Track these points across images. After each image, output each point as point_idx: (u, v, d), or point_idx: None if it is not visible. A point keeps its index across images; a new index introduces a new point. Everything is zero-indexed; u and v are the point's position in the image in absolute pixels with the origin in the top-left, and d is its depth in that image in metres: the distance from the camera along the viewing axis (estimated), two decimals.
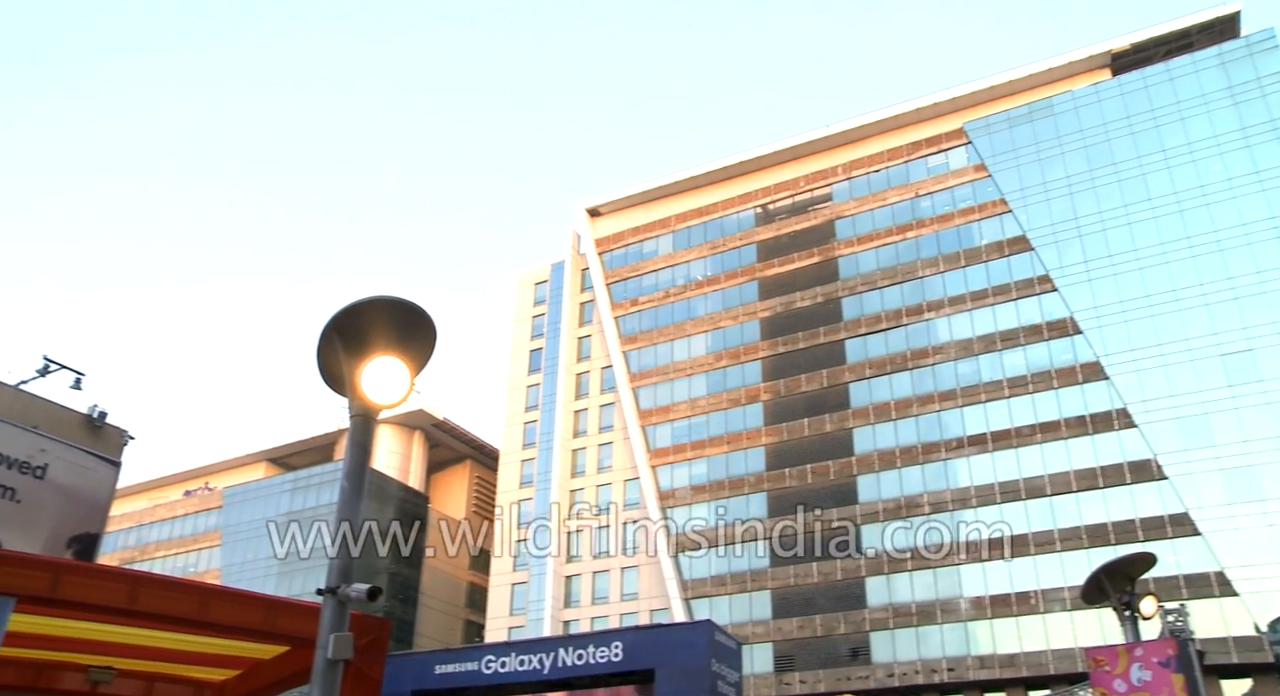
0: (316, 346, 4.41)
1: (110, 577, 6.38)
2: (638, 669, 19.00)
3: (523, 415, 68.66)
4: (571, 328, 69.09)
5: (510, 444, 68.69)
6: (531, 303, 72.46)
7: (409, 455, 77.77)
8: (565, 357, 67.88)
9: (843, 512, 53.74)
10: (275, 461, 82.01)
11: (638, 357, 64.92)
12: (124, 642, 7.47)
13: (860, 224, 60.85)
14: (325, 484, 67.59)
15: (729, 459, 58.68)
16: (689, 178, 67.89)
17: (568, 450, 65.19)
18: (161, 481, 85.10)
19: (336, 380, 4.48)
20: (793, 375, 58.79)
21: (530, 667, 22.04)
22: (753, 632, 52.66)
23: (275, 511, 69.21)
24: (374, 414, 4.47)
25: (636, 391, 63.74)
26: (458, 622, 70.98)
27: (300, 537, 66.50)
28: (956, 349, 54.43)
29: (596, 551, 61.17)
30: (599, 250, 69.98)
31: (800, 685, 50.86)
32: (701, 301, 64.47)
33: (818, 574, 53.01)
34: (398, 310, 4.43)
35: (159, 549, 76.10)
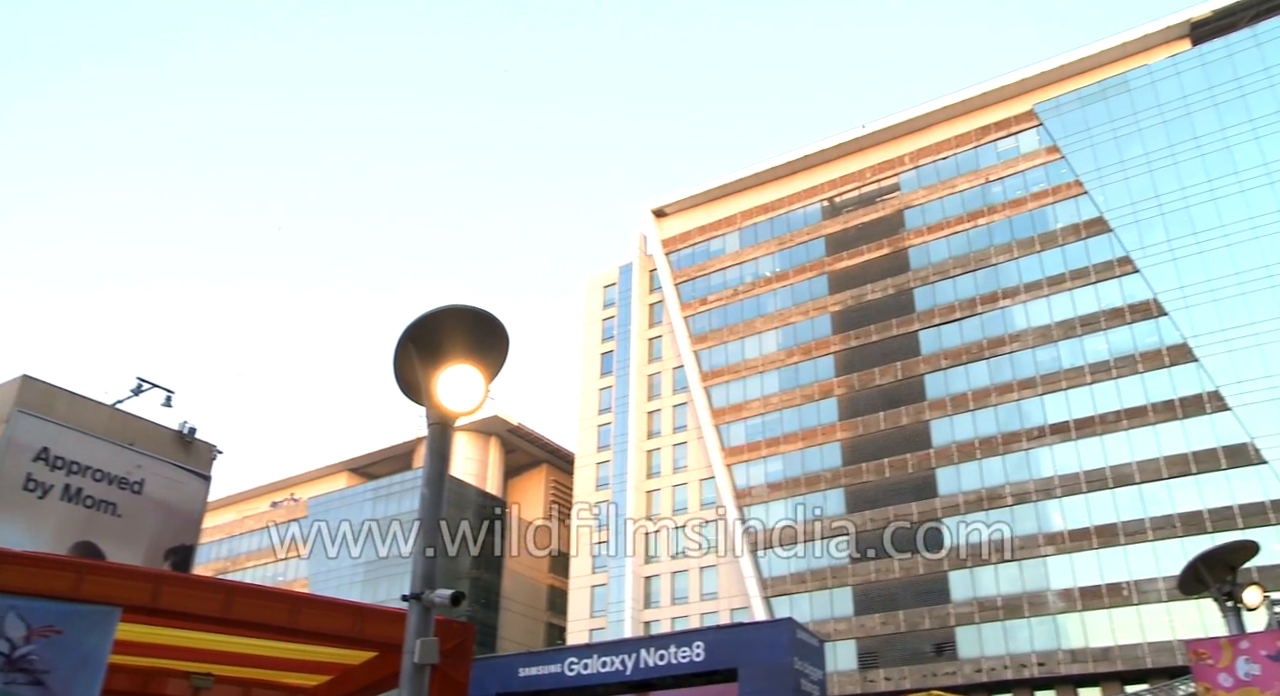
0: (393, 356, 4.49)
1: (206, 587, 6.58)
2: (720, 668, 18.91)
3: (596, 418, 69.01)
4: (642, 329, 69.23)
5: (585, 447, 69.10)
6: (601, 305, 72.80)
7: (486, 461, 78.73)
8: (636, 359, 68.03)
9: (922, 506, 52.83)
10: (356, 471, 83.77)
11: (709, 356, 64.75)
12: (222, 650, 7.71)
13: (930, 213, 59.78)
14: (405, 492, 68.81)
15: (804, 455, 58.15)
16: (753, 174, 67.51)
17: (642, 451, 65.30)
18: (249, 493, 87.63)
19: (413, 389, 4.55)
20: (866, 369, 58.02)
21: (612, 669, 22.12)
22: (834, 629, 52.09)
23: (358, 519, 70.68)
24: (451, 421, 4.52)
25: (709, 390, 63.58)
26: (539, 625, 71.63)
27: (383, 545, 67.85)
28: (1034, 336, 53.11)
29: (674, 551, 61.17)
30: (666, 250, 69.99)
31: (885, 682, 50.13)
32: (771, 298, 64.02)
33: (899, 569, 52.21)
34: (471, 318, 4.49)
35: (249, 559, 78.37)
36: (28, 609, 5.64)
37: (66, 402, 27.43)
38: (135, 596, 6.18)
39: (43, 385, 27.33)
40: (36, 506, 23.24)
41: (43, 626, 5.65)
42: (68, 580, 5.98)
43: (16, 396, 26.41)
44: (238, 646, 7.53)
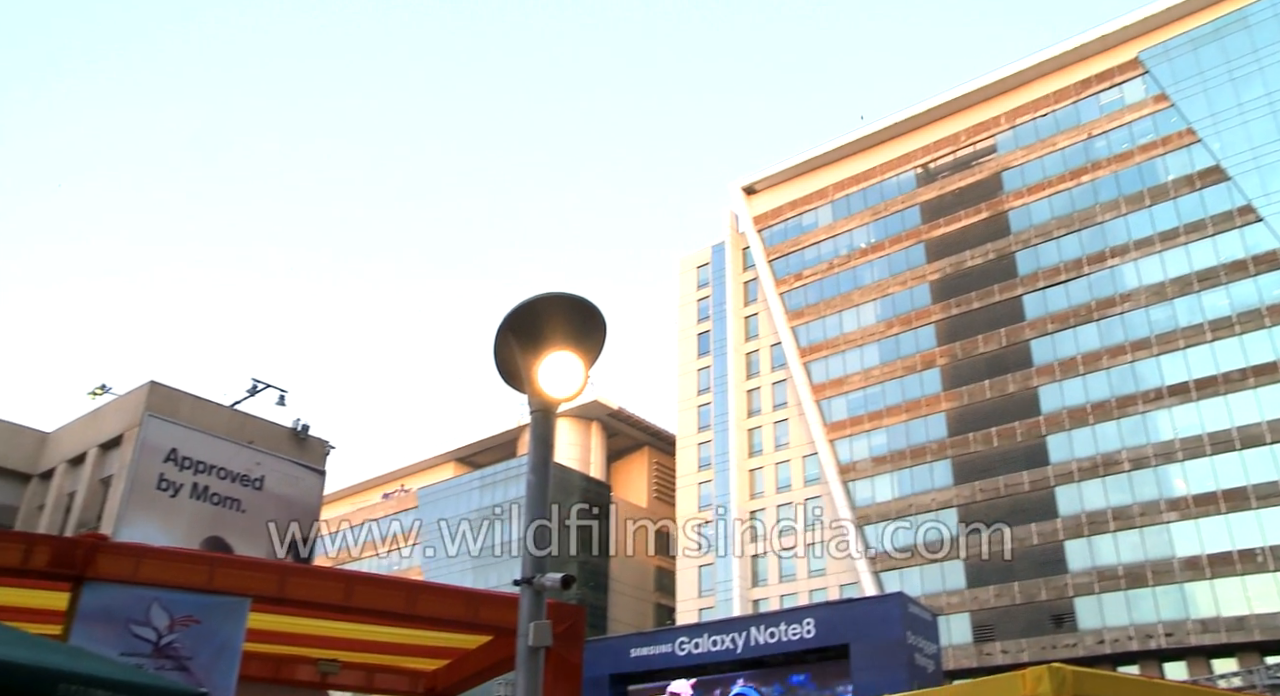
0: (493, 345, 4.59)
1: (328, 577, 6.84)
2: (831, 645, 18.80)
3: (696, 398, 69.07)
4: (737, 308, 68.89)
5: (686, 428, 69.27)
6: (695, 286, 72.70)
7: (588, 446, 79.62)
8: (733, 338, 67.79)
9: (1034, 475, 51.33)
10: (463, 460, 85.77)
11: (806, 332, 64.06)
12: (346, 637, 8.02)
13: (1029, 173, 57.73)
14: (511, 479, 70.15)
15: (908, 427, 57.11)
16: (844, 145, 66.28)
17: (743, 430, 65.12)
18: (362, 486, 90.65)
19: (514, 377, 4.63)
20: (969, 337, 56.54)
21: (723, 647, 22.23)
22: (947, 603, 51.13)
23: (466, 508, 72.42)
24: (553, 408, 4.58)
25: (808, 366, 62.93)
26: (648, 606, 72.31)
27: (491, 532, 69.40)
28: (1147, 294, 50.88)
29: (781, 529, 60.93)
30: (758, 227, 69.40)
31: (1002, 654, 49.03)
32: (867, 269, 62.88)
33: (1012, 540, 50.88)
34: (568, 305, 4.56)
35: (365, 550, 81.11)
36: (169, 600, 5.99)
37: (190, 405, 28.88)
38: (263, 587, 6.50)
39: (167, 390, 28.81)
40: (169, 504, 24.62)
41: (183, 616, 6.00)
42: (202, 573, 6.33)
43: (146, 401, 27.90)
44: (361, 633, 7.82)
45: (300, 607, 6.92)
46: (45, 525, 28.95)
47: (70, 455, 29.89)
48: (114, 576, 5.94)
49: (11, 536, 8.20)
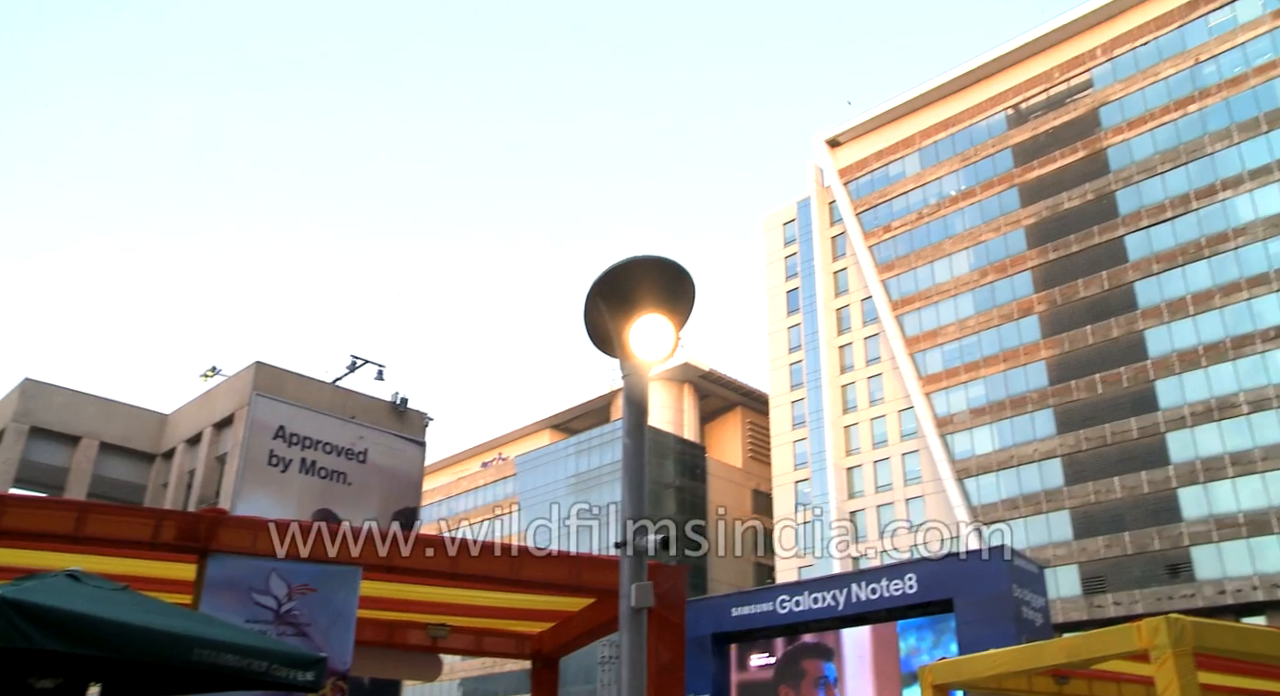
0: (583, 310, 4.61)
1: (434, 544, 7.03)
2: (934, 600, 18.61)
3: (787, 357, 68.57)
4: (825, 263, 67.89)
5: (778, 387, 68.89)
6: (781, 243, 71.86)
7: (680, 408, 79.86)
8: (823, 294, 66.90)
9: (1143, 421, 49.53)
10: (558, 427, 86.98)
11: (897, 284, 62.78)
12: (454, 602, 8.27)
13: (1129, 107, 55.04)
14: (606, 444, 70.91)
15: (1007, 377, 55.65)
16: (929, 90, 64.24)
17: (836, 387, 64.44)
18: (461, 456, 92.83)
19: (604, 342, 4.65)
20: (1068, 281, 54.58)
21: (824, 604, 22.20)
22: (1054, 555, 49.96)
23: (563, 474, 73.60)
24: (645, 371, 4.59)
25: (900, 319, 61.75)
26: (748, 566, 72.57)
27: (589, 497, 70.45)
28: (1264, 227, 48.23)
29: (879, 485, 60.32)
30: (844, 180, 68.03)
31: (1115, 607, 47.77)
32: (958, 217, 61.12)
33: (1120, 488, 49.33)
34: (657, 268, 4.55)
35: (467, 517, 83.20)
36: (286, 570, 6.28)
37: (294, 383, 29.95)
38: (374, 555, 6.74)
39: (273, 369, 29.91)
40: (281, 479, 25.67)
41: (300, 585, 6.28)
42: (316, 543, 6.59)
43: (253, 381, 29.03)
44: (468, 598, 8.05)
45: (409, 575, 7.16)
46: (169, 501, 30.54)
47: (188, 435, 31.38)
48: (235, 548, 6.24)
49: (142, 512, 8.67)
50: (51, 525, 6.20)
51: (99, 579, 4.98)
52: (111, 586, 4.95)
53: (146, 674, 5.44)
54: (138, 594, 5.16)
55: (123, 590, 4.98)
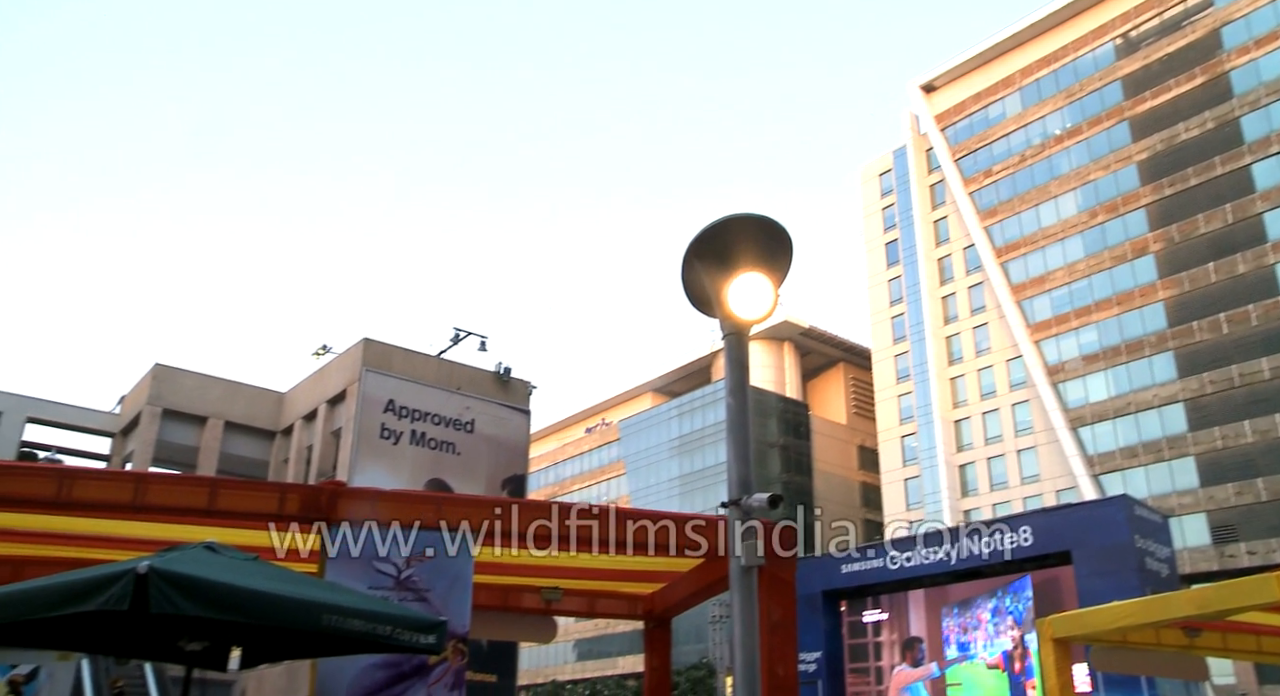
0: (680, 270, 4.61)
1: (542, 510, 7.18)
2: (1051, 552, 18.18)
3: (888, 310, 67.28)
4: (924, 213, 66.12)
5: (880, 341, 67.74)
6: (878, 195, 70.25)
7: (781, 367, 79.34)
8: (923, 244, 65.27)
9: (1274, 361, 46.96)
10: (659, 390, 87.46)
11: (1000, 230, 60.72)
12: (565, 565, 8.43)
13: (1256, 23, 51.38)
14: (708, 405, 71.02)
15: (1121, 321, 53.42)
16: (1029, 25, 61.44)
17: (940, 338, 62.99)
18: (565, 422, 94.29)
19: (703, 302, 4.64)
20: (1187, 217, 51.84)
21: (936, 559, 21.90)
22: (1178, 503, 48.04)
23: (666, 437, 74.10)
24: (745, 330, 4.57)
25: (1005, 266, 59.80)
26: (856, 522, 72.05)
27: (692, 459, 70.81)
28: None
29: (988, 437, 58.93)
30: (940, 126, 65.91)
31: (1248, 556, 45.73)
32: (1064, 157, 58.58)
33: (1252, 432, 46.99)
34: (753, 225, 4.52)
35: (573, 483, 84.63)
36: (404, 538, 6.50)
37: (401, 358, 30.81)
38: (486, 522, 6.92)
39: (380, 345, 30.82)
40: (393, 451, 26.54)
41: (417, 551, 6.49)
42: (430, 512, 6.82)
43: (362, 357, 29.98)
44: (579, 561, 8.20)
45: (521, 539, 7.33)
46: (291, 476, 31.92)
47: (304, 412, 32.69)
48: (355, 518, 6.49)
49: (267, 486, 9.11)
50: (187, 500, 6.58)
51: (232, 550, 5.26)
52: (244, 556, 5.22)
53: (281, 638, 5.73)
54: (268, 563, 5.43)
55: (254, 560, 5.25)
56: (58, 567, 6.22)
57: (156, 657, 6.28)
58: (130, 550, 6.30)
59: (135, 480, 6.97)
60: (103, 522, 7.03)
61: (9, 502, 6.40)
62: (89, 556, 7.02)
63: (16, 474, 6.90)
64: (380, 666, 6.21)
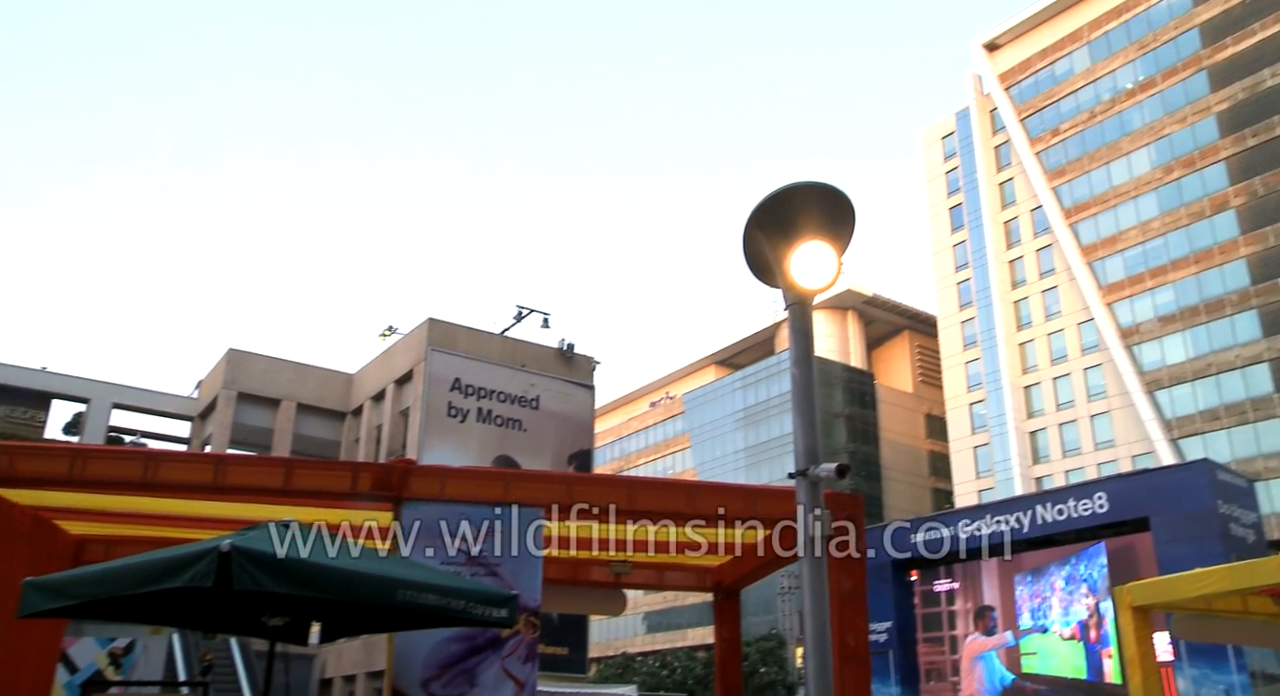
0: (741, 240, 4.58)
1: (611, 484, 7.24)
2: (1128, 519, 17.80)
3: (954, 276, 66.05)
4: (989, 175, 64.58)
5: (946, 308, 66.61)
6: (941, 158, 68.81)
7: (845, 336, 78.58)
8: (988, 208, 63.82)
9: None
10: (722, 363, 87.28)
11: (1069, 191, 59.04)
12: (633, 539, 8.49)
13: None
14: (772, 377, 70.68)
15: (1200, 280, 51.65)
16: None
17: (1008, 303, 61.68)
18: (629, 397, 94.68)
19: (765, 272, 4.61)
20: (1272, 169, 49.69)
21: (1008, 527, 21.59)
22: (1265, 468, 46.51)
23: (731, 409, 74.00)
24: (808, 300, 4.53)
25: (1074, 227, 58.19)
26: (924, 492, 71.28)
27: (758, 430, 70.64)
28: None
29: (1060, 402, 57.68)
30: (1005, 85, 64.14)
31: None
32: (1136, 112, 56.57)
33: None
34: (814, 194, 4.47)
35: (639, 457, 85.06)
36: (474, 514, 6.61)
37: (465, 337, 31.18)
38: (554, 496, 7.00)
39: (444, 324, 31.21)
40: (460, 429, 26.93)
41: (488, 527, 6.60)
42: (498, 488, 6.93)
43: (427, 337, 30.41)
44: (647, 534, 8.25)
45: (588, 513, 7.40)
46: (361, 455, 32.63)
47: (372, 392, 33.35)
48: (425, 495, 6.62)
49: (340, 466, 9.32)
50: (264, 480, 6.80)
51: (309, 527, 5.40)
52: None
53: (358, 613, 5.88)
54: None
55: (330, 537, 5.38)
56: (145, 546, 6.46)
57: (241, 632, 6.50)
58: (211, 529, 6.50)
59: (215, 462, 7.21)
60: (185, 503, 7.29)
61: (101, 484, 6.67)
62: (173, 535, 7.27)
63: (107, 457, 7.17)
64: (455, 640, 6.34)
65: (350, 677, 28.91)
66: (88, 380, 35.48)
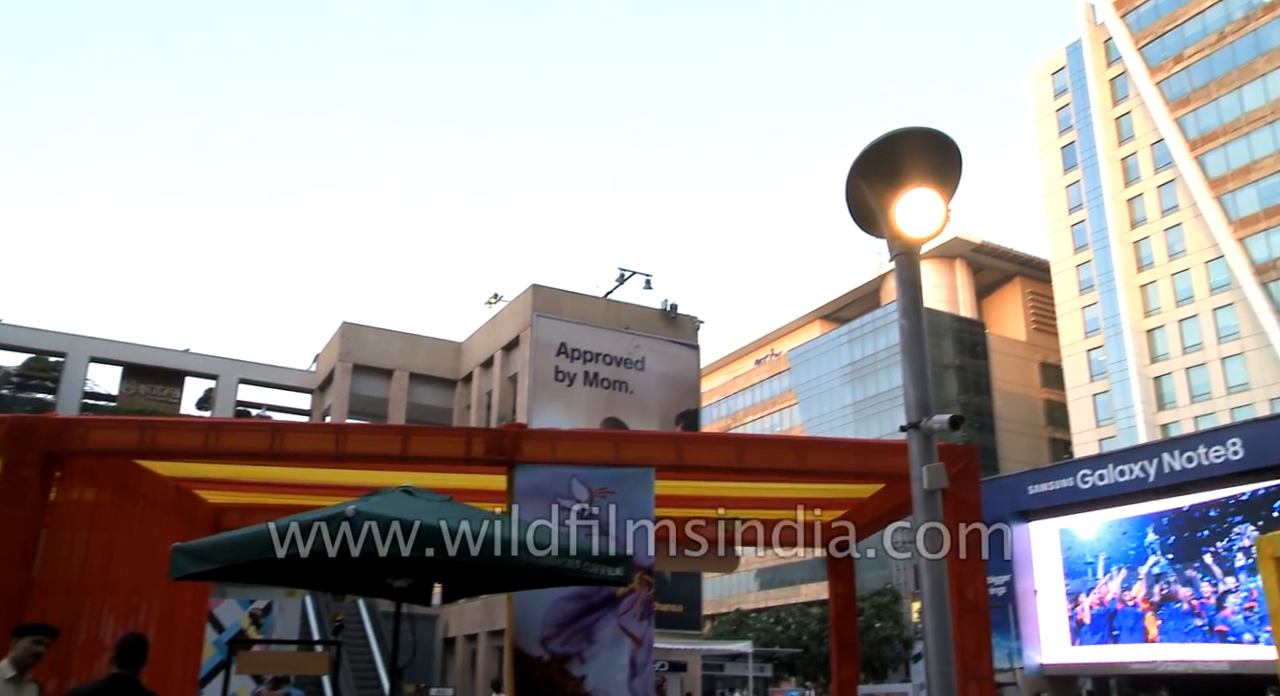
0: (845, 191, 4.48)
1: (719, 442, 7.27)
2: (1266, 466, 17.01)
3: (1067, 218, 63.34)
4: (1104, 110, 61.40)
5: (1060, 251, 64.01)
6: (1051, 96, 65.73)
7: (954, 285, 76.47)
8: (1104, 144, 60.76)
9: None
10: (827, 317, 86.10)
11: (1195, 120, 55.65)
12: (744, 496, 8.51)
13: None
14: (878, 330, 69.36)
15: None
16: None
17: (1127, 243, 58.87)
18: (734, 355, 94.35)
19: (869, 222, 4.50)
20: None
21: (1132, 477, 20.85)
22: None
23: (837, 364, 73.00)
24: (915, 249, 4.42)
25: (1201, 159, 54.93)
26: (1041, 442, 69.17)
27: (865, 385, 69.54)
28: None
29: (1186, 345, 54.96)
30: (1120, 13, 60.65)
31: None
32: (1273, 29, 52.57)
33: None
34: (919, 140, 4.34)
35: (746, 415, 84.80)
36: (585, 475, 6.72)
37: (569, 301, 31.52)
38: (664, 456, 7.08)
39: (548, 290, 31.61)
40: (567, 393, 27.33)
41: (599, 488, 6.71)
42: (609, 449, 7.03)
43: (532, 303, 30.87)
44: (758, 491, 8.26)
45: (698, 472, 7.44)
46: (473, 421, 33.49)
47: (481, 360, 34.10)
48: (537, 458, 6.76)
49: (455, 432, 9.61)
50: (383, 448, 7.07)
51: (427, 492, 5.58)
52: (438, 498, 5.52)
53: (477, 573, 6.06)
54: (461, 504, 5.73)
55: (448, 501, 5.54)
56: (276, 513, 6.78)
57: (368, 594, 6.79)
58: (335, 495, 6.79)
59: (336, 431, 7.52)
60: (310, 471, 7.62)
61: (232, 455, 7.05)
62: (300, 503, 7.62)
63: (237, 430, 7.56)
64: (571, 598, 6.48)
65: (472, 636, 29.95)
66: (216, 357, 37.34)
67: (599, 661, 6.43)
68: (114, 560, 7.16)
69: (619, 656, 6.46)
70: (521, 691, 6.34)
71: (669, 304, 32.24)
